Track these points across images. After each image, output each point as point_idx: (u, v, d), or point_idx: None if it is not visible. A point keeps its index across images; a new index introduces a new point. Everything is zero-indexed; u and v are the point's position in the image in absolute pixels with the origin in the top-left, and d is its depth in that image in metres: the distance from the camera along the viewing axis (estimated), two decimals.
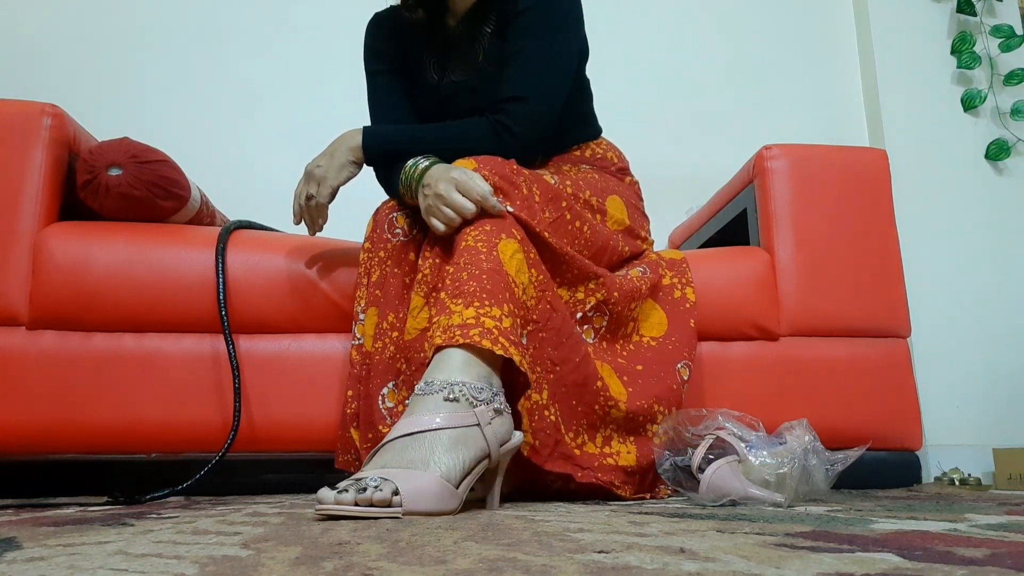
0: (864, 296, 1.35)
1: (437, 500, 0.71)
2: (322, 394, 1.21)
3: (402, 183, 1.08)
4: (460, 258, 0.93)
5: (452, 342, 0.82)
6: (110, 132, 1.36)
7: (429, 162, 1.05)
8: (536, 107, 1.09)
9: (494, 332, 0.84)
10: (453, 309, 0.86)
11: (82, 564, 0.41)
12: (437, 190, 0.98)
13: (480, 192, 0.95)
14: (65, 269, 1.18)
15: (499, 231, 0.96)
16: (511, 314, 0.88)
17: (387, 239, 1.12)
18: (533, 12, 1.12)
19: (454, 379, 0.80)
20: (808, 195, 1.39)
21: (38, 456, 1.19)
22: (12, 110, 1.24)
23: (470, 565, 0.39)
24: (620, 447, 1.04)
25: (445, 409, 0.77)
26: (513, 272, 0.93)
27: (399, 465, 0.73)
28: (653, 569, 0.37)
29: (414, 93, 1.26)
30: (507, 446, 0.82)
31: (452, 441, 0.75)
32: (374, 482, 0.68)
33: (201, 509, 0.86)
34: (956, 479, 1.57)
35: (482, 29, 1.19)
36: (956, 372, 1.91)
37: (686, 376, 1.13)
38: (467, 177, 0.97)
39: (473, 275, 0.90)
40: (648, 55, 2.24)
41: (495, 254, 0.93)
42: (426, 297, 1.01)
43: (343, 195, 1.19)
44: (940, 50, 2.14)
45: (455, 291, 0.89)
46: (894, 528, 0.57)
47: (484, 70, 1.18)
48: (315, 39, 2.15)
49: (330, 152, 1.15)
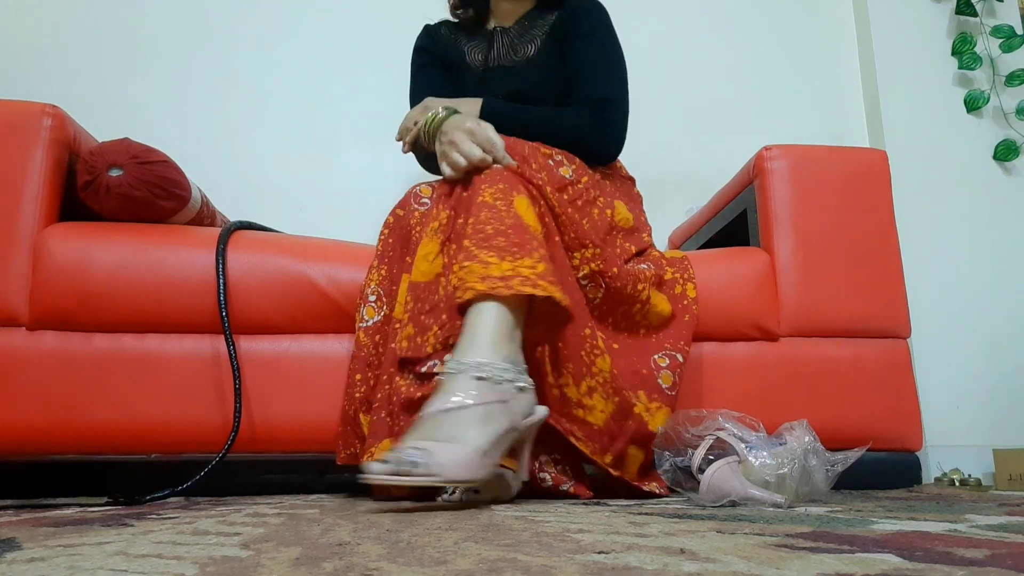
0: (864, 296, 1.35)
1: (469, 468, 0.79)
2: (322, 394, 1.21)
3: (423, 131, 1.19)
4: (480, 212, 1.01)
5: (496, 292, 0.90)
6: (110, 132, 1.36)
7: (447, 112, 1.17)
8: (624, 108, 1.27)
9: (532, 278, 0.92)
10: (488, 260, 0.94)
11: (82, 564, 0.41)
12: (452, 137, 1.10)
13: (490, 141, 1.07)
14: (65, 269, 1.18)
15: (512, 188, 1.04)
16: (543, 259, 0.96)
17: (414, 209, 1.16)
18: (598, 32, 1.31)
19: (482, 359, 0.87)
20: (808, 195, 1.39)
21: (38, 456, 1.19)
22: (12, 110, 1.24)
23: (470, 565, 0.39)
24: (600, 401, 1.04)
25: (475, 387, 0.85)
26: (532, 223, 1.01)
27: (434, 438, 0.80)
28: (653, 569, 0.37)
29: (455, 79, 1.41)
30: (531, 419, 0.91)
31: (481, 416, 0.83)
32: (412, 455, 0.75)
33: (201, 510, 0.86)
34: (956, 479, 1.57)
35: (535, 32, 1.38)
36: (956, 372, 1.91)
37: (664, 364, 1.13)
38: (481, 128, 1.09)
39: (499, 230, 0.97)
40: (648, 55, 2.24)
41: (513, 209, 1.01)
42: (442, 245, 1.07)
43: (343, 194, 1.19)
44: (940, 51, 2.14)
45: (482, 242, 0.96)
46: (894, 529, 0.57)
47: (533, 62, 1.35)
48: (316, 39, 2.15)
49: (455, 101, 1.24)
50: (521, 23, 1.40)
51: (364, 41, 2.17)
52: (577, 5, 1.35)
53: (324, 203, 2.01)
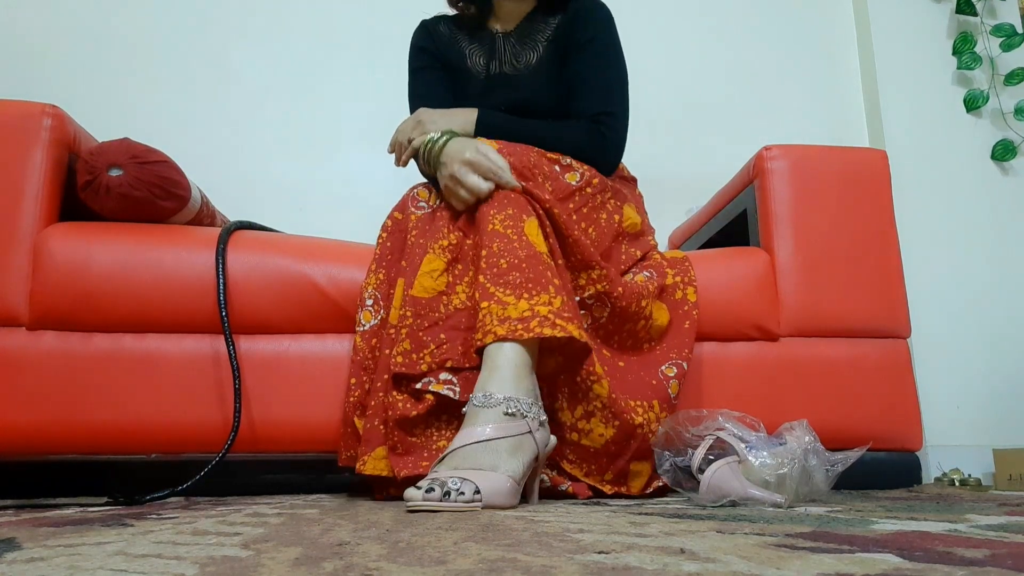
0: (864, 296, 1.35)
1: (508, 496, 0.82)
2: (322, 394, 1.21)
3: (422, 159, 1.15)
4: (492, 242, 1.00)
5: (515, 336, 0.92)
6: (110, 132, 1.36)
7: (446, 138, 1.12)
8: (623, 121, 1.24)
9: (549, 317, 0.94)
10: (506, 300, 0.95)
11: (82, 564, 0.41)
12: (452, 171, 1.07)
13: (494, 168, 1.04)
14: (65, 269, 1.18)
15: (521, 212, 1.03)
16: (559, 290, 0.97)
17: (411, 212, 1.16)
18: (601, 40, 1.27)
19: (509, 394, 0.90)
20: (808, 195, 1.39)
21: (38, 456, 1.19)
22: (12, 110, 1.24)
23: (470, 565, 0.39)
24: (598, 426, 1.04)
25: (504, 420, 0.88)
26: (544, 250, 1.01)
27: (471, 467, 0.83)
28: (653, 570, 0.37)
29: (455, 81, 1.35)
30: (547, 449, 0.95)
31: (513, 447, 0.87)
32: (456, 484, 0.78)
33: (201, 510, 0.86)
34: (956, 479, 1.57)
35: (537, 38, 1.32)
36: (956, 372, 1.91)
37: (672, 373, 1.13)
38: (481, 156, 1.05)
39: (512, 264, 0.98)
40: (648, 55, 2.24)
41: (525, 237, 1.01)
42: (448, 264, 1.06)
43: (343, 194, 1.19)
44: (941, 50, 2.14)
45: (497, 278, 0.97)
46: (894, 529, 0.57)
47: (535, 70, 1.30)
48: (316, 40, 2.15)
49: (448, 114, 1.20)
50: (523, 26, 1.35)
51: (364, 41, 2.17)
52: (580, 7, 1.31)
53: (324, 203, 2.01)
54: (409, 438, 1.00)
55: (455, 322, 1.02)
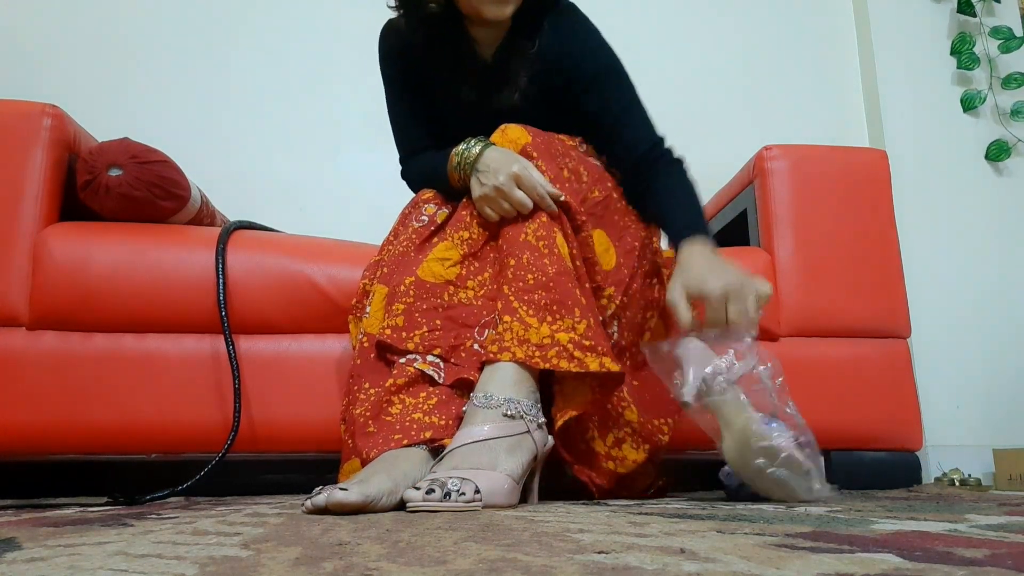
0: (864, 296, 1.35)
1: (507, 495, 0.83)
2: (322, 394, 1.21)
3: (453, 166, 1.08)
4: (523, 254, 0.97)
5: (531, 362, 0.91)
6: (110, 132, 1.36)
7: (482, 145, 1.06)
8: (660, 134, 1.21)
9: (568, 348, 0.92)
10: (528, 321, 0.93)
11: (82, 564, 0.41)
12: (499, 182, 1.00)
13: (540, 191, 1.00)
14: (65, 269, 1.18)
15: (554, 223, 1.00)
16: (585, 313, 0.94)
17: (413, 226, 1.11)
18: (603, 65, 1.17)
19: (509, 396, 0.90)
20: (808, 195, 1.39)
21: (38, 456, 1.19)
22: (12, 110, 1.24)
23: (470, 565, 0.39)
24: (630, 452, 1.04)
25: (503, 420, 0.88)
26: (575, 266, 0.99)
27: (470, 467, 0.83)
28: (653, 569, 0.37)
29: (431, 103, 1.23)
30: (545, 449, 0.94)
31: (511, 446, 0.87)
32: (456, 484, 0.78)
33: (201, 510, 0.86)
34: (956, 479, 1.57)
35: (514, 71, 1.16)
36: (956, 372, 1.91)
37: None
38: (528, 172, 1.00)
39: (540, 281, 0.95)
40: (647, 55, 2.24)
41: (556, 251, 0.98)
42: (464, 258, 1.03)
43: (343, 194, 1.18)
44: (940, 51, 2.14)
45: (522, 294, 0.94)
46: (894, 528, 0.57)
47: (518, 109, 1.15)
48: (316, 39, 2.15)
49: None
50: (500, 56, 1.17)
51: (364, 41, 2.16)
52: (562, 36, 1.15)
53: (324, 203, 2.01)
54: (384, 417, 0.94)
55: (455, 313, 1.00)
